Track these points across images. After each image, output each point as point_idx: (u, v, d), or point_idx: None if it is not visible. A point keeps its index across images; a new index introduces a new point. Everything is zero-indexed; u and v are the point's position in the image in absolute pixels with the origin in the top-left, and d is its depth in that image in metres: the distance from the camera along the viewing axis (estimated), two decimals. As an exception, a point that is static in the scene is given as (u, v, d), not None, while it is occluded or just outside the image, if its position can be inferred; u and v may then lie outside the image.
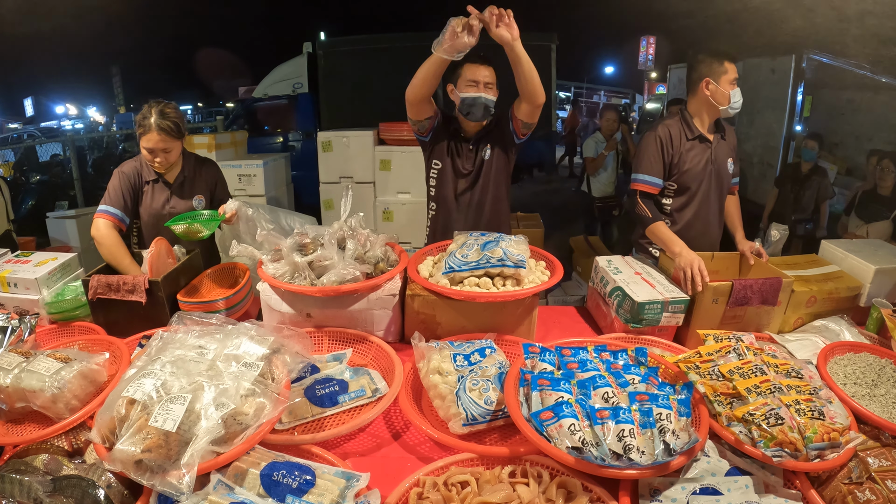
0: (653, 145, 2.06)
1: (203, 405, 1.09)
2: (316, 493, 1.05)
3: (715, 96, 2.01)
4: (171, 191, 2.15)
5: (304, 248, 1.70)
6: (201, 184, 2.20)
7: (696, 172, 2.09)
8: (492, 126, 2.17)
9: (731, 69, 1.98)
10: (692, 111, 2.10)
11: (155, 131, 1.96)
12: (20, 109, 19.76)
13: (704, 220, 2.16)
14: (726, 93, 1.99)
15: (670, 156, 2.07)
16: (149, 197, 2.14)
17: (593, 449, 1.05)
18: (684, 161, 2.07)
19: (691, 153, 2.08)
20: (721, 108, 2.04)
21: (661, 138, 2.06)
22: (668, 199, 2.15)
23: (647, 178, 2.07)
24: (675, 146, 2.07)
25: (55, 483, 1.06)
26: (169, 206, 2.14)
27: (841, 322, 1.77)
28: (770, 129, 5.30)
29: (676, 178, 2.10)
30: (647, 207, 2.04)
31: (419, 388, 1.45)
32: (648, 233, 2.03)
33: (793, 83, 4.97)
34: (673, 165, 2.08)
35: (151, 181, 2.14)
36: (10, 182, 6.78)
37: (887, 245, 2.07)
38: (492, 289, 1.62)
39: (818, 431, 1.13)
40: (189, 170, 2.18)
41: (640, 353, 1.39)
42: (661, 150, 2.06)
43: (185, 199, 2.16)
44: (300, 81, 7.27)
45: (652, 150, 2.06)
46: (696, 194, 2.12)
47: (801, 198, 4.23)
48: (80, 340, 1.58)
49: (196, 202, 2.18)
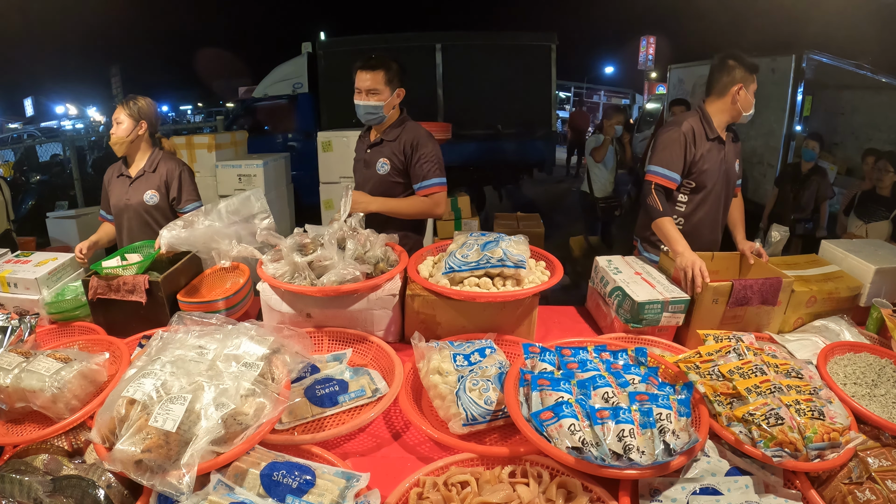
0: (678, 141, 2.05)
1: (203, 405, 1.09)
2: (316, 493, 1.05)
3: (742, 103, 2.05)
4: (130, 184, 2.24)
5: (304, 248, 1.71)
6: (156, 179, 2.24)
7: (712, 172, 2.10)
8: (395, 136, 2.17)
9: (754, 80, 2.05)
10: (712, 112, 2.11)
11: (118, 105, 2.20)
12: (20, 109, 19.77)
13: (713, 219, 2.18)
14: (751, 101, 2.06)
15: (692, 154, 2.07)
16: (114, 189, 2.28)
17: (593, 449, 1.05)
18: (704, 160, 2.08)
19: (710, 153, 2.09)
20: (744, 115, 2.08)
21: (686, 136, 2.06)
22: (683, 195, 2.15)
23: (665, 171, 2.06)
24: (698, 145, 2.08)
25: (55, 483, 1.06)
26: (125, 197, 2.23)
27: (841, 322, 1.77)
28: (770, 129, 5.29)
29: (696, 176, 2.10)
30: (660, 200, 2.03)
31: (419, 388, 1.45)
32: (654, 226, 2.01)
33: (793, 83, 4.96)
34: (693, 164, 2.08)
35: (119, 175, 2.28)
36: (10, 182, 6.79)
37: (887, 245, 2.08)
38: (492, 289, 1.62)
39: (818, 431, 1.13)
40: (149, 165, 2.25)
41: (640, 353, 1.39)
42: (685, 148, 2.06)
43: (138, 192, 2.22)
44: (300, 81, 7.27)
45: (676, 145, 2.05)
46: (710, 194, 2.13)
47: (801, 198, 4.23)
48: (80, 340, 1.58)
49: (148, 196, 2.21)
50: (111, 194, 2.29)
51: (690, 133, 2.07)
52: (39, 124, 16.80)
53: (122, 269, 1.75)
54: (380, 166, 2.17)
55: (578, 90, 21.53)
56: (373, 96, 2.08)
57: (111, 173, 2.32)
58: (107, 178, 2.32)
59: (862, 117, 5.57)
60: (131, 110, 2.18)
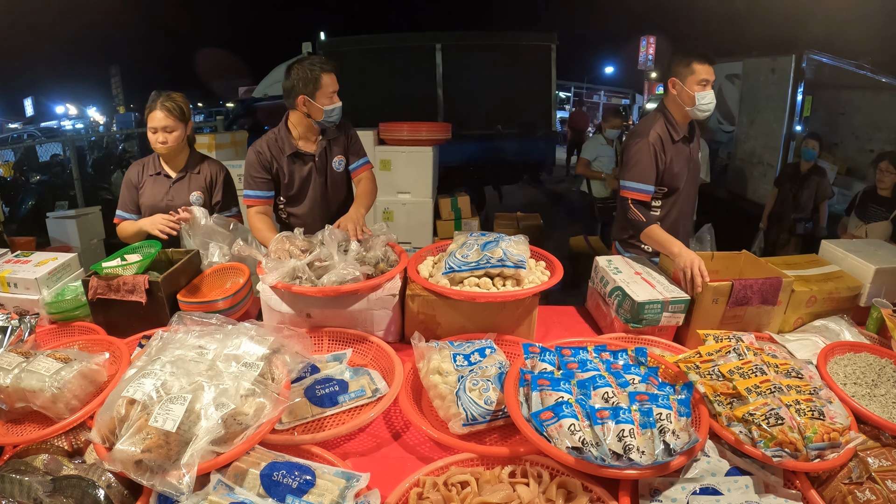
0: (647, 154, 2.04)
1: (203, 405, 1.09)
2: (316, 493, 1.05)
3: (681, 96, 2.01)
4: (171, 184, 2.20)
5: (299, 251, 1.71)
6: (200, 180, 2.23)
7: (681, 173, 2.11)
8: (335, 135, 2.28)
9: (700, 70, 1.96)
10: (671, 109, 2.10)
11: (158, 109, 2.07)
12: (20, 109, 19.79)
13: (686, 214, 2.22)
14: (692, 94, 1.98)
15: (663, 162, 2.07)
16: (148, 190, 2.20)
17: (593, 449, 1.05)
18: (673, 164, 2.09)
19: (678, 156, 2.09)
20: (687, 109, 2.02)
21: (654, 146, 2.05)
22: (657, 201, 2.17)
23: (638, 185, 2.05)
24: (667, 151, 2.07)
25: (55, 483, 1.06)
26: (167, 198, 2.19)
27: (841, 322, 1.77)
28: (770, 129, 5.29)
29: (667, 181, 2.11)
30: (640, 212, 2.03)
31: (419, 388, 1.45)
32: (644, 237, 2.01)
33: (793, 83, 4.96)
34: (665, 171, 2.09)
35: (154, 174, 2.21)
36: (10, 182, 6.79)
37: (887, 245, 2.07)
38: (492, 289, 1.62)
39: (818, 431, 1.13)
40: (191, 166, 2.22)
41: (640, 353, 1.39)
42: (655, 159, 2.05)
43: (183, 193, 2.19)
44: (300, 81, 7.27)
45: (646, 159, 2.04)
46: (682, 194, 2.16)
47: (800, 197, 4.24)
48: (80, 340, 1.58)
49: (194, 198, 2.20)
50: (144, 194, 2.19)
51: (658, 142, 2.05)
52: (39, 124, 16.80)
53: (122, 269, 1.75)
54: (337, 164, 2.24)
55: (578, 90, 21.53)
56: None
57: (141, 172, 2.21)
58: (133, 177, 2.21)
59: (862, 117, 5.56)
60: (175, 112, 2.08)
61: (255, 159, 2.14)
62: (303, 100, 2.06)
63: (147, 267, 1.78)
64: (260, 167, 2.14)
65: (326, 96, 2.06)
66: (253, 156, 2.15)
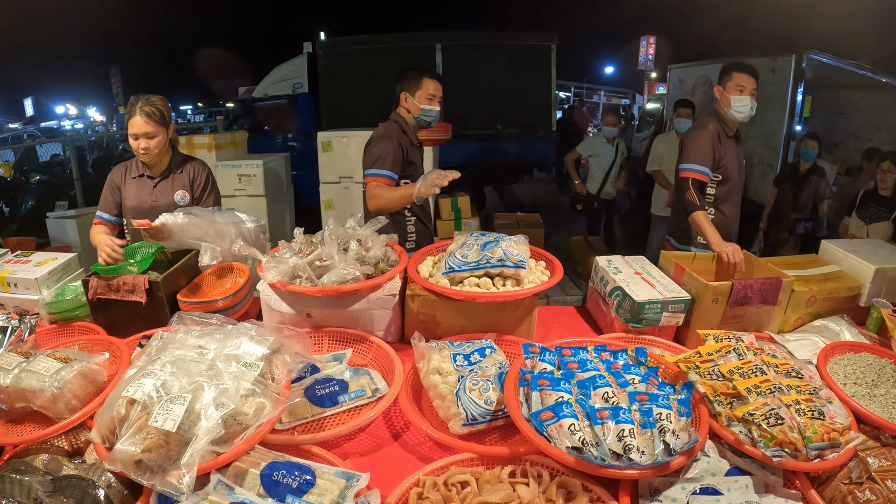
0: (707, 141, 2.34)
1: (203, 405, 1.09)
2: (316, 493, 1.05)
3: (722, 100, 2.36)
4: (154, 185, 2.19)
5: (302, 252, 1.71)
6: (184, 179, 2.22)
7: (733, 166, 2.39)
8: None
9: (737, 77, 2.30)
10: (721, 113, 2.39)
11: (138, 115, 2.04)
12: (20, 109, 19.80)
13: (737, 209, 2.48)
14: (729, 97, 2.32)
15: (720, 151, 2.35)
16: (132, 191, 2.20)
17: (593, 449, 1.05)
18: (727, 155, 2.37)
19: (729, 149, 2.39)
20: (727, 111, 2.34)
21: (713, 135, 2.35)
22: (712, 187, 2.41)
23: (699, 167, 2.32)
24: (722, 143, 2.37)
25: (55, 483, 1.06)
26: (151, 199, 2.19)
27: (841, 322, 1.77)
28: (770, 129, 5.28)
29: (722, 170, 2.39)
30: (696, 195, 2.27)
31: (419, 388, 1.45)
32: (691, 219, 2.23)
33: (793, 83, 4.95)
34: (720, 159, 2.36)
35: (137, 176, 2.20)
36: (10, 182, 6.80)
37: (887, 245, 2.08)
38: (492, 289, 1.62)
39: (818, 431, 1.13)
40: (174, 166, 2.22)
41: (640, 352, 1.39)
42: (713, 145, 2.34)
43: (168, 193, 2.19)
44: (300, 81, 7.27)
45: (706, 145, 2.33)
46: (736, 185, 2.43)
47: (800, 197, 4.24)
48: (80, 340, 1.58)
49: (179, 197, 2.19)
50: (127, 196, 2.19)
51: (716, 133, 2.36)
52: (39, 124, 16.81)
53: (122, 270, 1.75)
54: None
55: (578, 90, 21.53)
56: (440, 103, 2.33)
57: (123, 174, 2.20)
58: (116, 178, 2.20)
59: (862, 117, 5.56)
60: (155, 116, 2.04)
61: (398, 148, 2.27)
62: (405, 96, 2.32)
63: (147, 267, 1.78)
64: (400, 153, 2.28)
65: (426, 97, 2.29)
66: (396, 145, 2.26)
